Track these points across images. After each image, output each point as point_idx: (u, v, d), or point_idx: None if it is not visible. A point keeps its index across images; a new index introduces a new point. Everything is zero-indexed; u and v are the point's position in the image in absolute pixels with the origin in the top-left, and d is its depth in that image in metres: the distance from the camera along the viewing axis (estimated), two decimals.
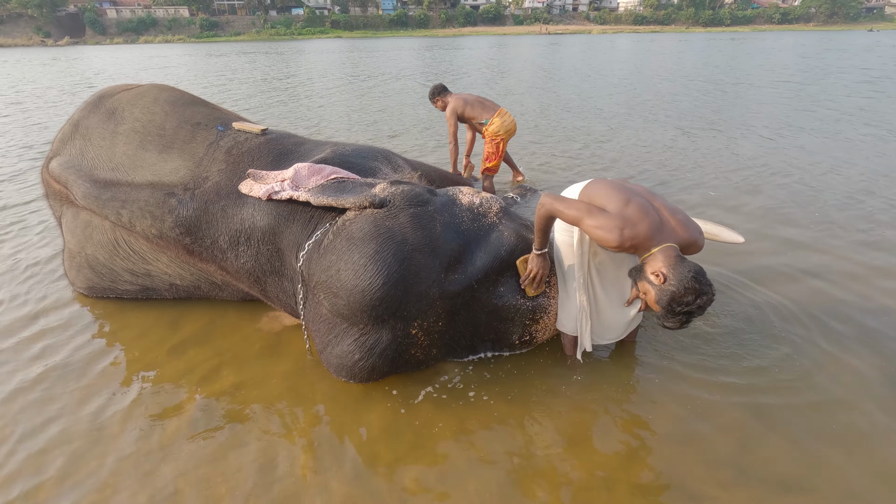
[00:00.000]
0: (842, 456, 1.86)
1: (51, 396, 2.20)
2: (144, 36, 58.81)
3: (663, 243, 1.75)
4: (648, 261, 1.76)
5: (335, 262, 1.95)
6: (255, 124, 2.75)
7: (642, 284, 1.78)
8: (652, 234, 1.74)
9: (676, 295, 1.67)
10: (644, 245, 1.74)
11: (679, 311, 1.69)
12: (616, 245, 1.73)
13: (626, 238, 1.71)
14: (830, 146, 6.10)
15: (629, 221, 1.72)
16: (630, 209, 1.76)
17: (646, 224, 1.74)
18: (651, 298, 1.75)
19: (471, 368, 2.29)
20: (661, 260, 1.72)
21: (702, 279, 1.68)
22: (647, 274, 1.75)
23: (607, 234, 1.72)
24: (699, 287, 1.66)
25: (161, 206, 2.36)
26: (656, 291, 1.72)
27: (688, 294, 1.66)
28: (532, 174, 5.16)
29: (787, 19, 71.60)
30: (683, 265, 1.70)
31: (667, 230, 1.79)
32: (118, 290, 2.80)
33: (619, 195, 1.83)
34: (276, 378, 2.28)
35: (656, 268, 1.72)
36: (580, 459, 1.87)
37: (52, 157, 2.79)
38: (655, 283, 1.72)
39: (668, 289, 1.68)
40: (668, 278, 1.69)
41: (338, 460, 1.87)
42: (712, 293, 1.70)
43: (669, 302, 1.69)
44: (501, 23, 73.26)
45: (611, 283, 2.16)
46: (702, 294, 1.66)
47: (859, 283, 3.00)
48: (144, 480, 1.80)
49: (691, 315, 1.70)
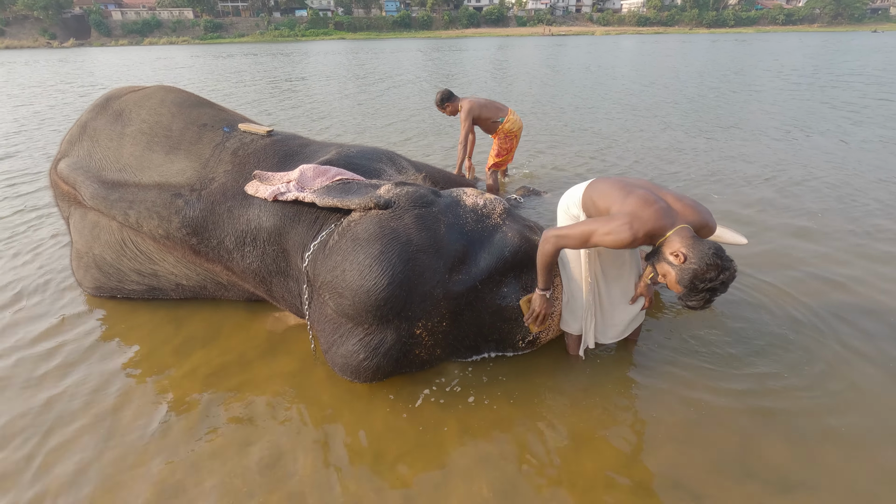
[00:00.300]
0: (844, 457, 1.86)
1: (58, 394, 2.22)
2: (149, 38, 59.12)
3: (676, 226, 1.76)
4: (665, 244, 1.77)
5: (340, 263, 1.97)
6: (260, 126, 2.78)
7: (661, 266, 1.78)
8: (662, 220, 1.75)
9: (699, 272, 1.66)
10: (658, 232, 1.76)
11: (702, 289, 1.68)
12: (630, 242, 1.74)
13: (638, 230, 1.72)
14: (848, 149, 6.02)
15: (635, 215, 1.74)
16: (632, 202, 1.78)
17: (652, 211, 1.75)
18: (672, 279, 1.74)
19: (473, 369, 2.30)
20: (678, 241, 1.73)
21: (723, 255, 1.68)
22: (665, 255, 1.75)
23: (619, 236, 1.73)
24: (721, 263, 1.66)
25: (168, 207, 2.38)
26: (677, 272, 1.72)
27: (710, 270, 1.65)
28: (547, 174, 5.20)
29: (792, 20, 71.36)
30: (702, 243, 1.70)
31: (676, 213, 1.80)
32: (125, 290, 2.82)
33: (619, 191, 1.84)
34: (280, 378, 2.30)
35: (674, 248, 1.72)
36: (582, 459, 1.88)
37: (60, 159, 2.82)
38: (675, 264, 1.72)
39: (690, 267, 1.68)
40: (688, 257, 1.69)
41: (342, 459, 1.89)
42: (734, 268, 1.69)
43: (692, 280, 1.68)
44: (504, 24, 73.31)
45: (614, 280, 2.19)
46: (724, 269, 1.66)
47: (865, 286, 2.99)
48: (151, 477, 1.82)
49: (715, 292, 1.69)
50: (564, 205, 2.21)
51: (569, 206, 2.18)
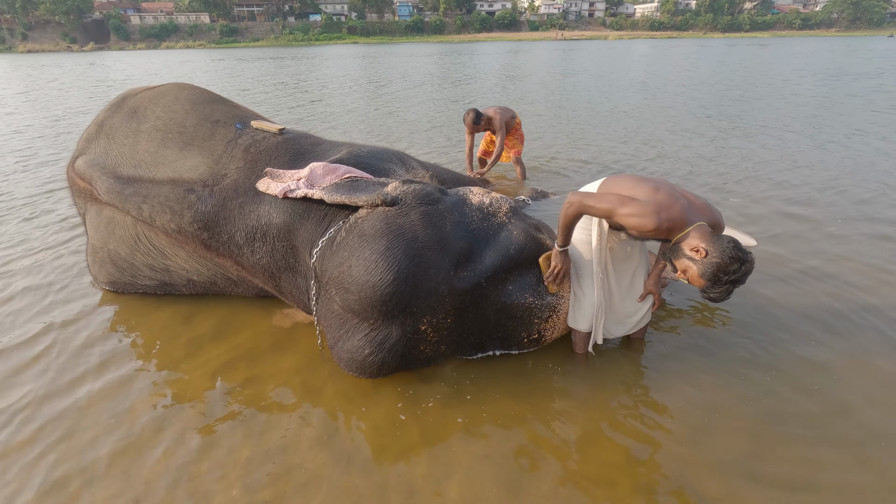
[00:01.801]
0: (854, 462, 1.83)
1: (71, 387, 2.26)
2: (166, 42, 60.24)
3: (695, 222, 1.83)
4: (683, 240, 1.83)
5: (347, 259, 1.99)
6: (273, 123, 2.82)
7: (681, 262, 1.84)
8: (685, 215, 1.82)
9: (722, 265, 1.73)
10: (678, 226, 1.82)
11: (725, 281, 1.76)
12: (653, 229, 1.80)
13: (663, 220, 1.79)
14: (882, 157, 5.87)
15: (663, 206, 1.80)
16: (661, 195, 1.84)
17: (678, 206, 1.82)
18: (694, 274, 1.81)
19: (478, 367, 2.30)
20: (697, 237, 1.80)
21: (741, 247, 1.76)
22: (685, 251, 1.82)
23: (644, 220, 1.79)
24: (741, 255, 1.74)
25: (181, 202, 2.43)
26: (699, 266, 1.78)
27: (733, 263, 1.73)
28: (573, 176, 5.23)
29: (808, 25, 70.50)
30: (721, 238, 1.78)
31: (695, 210, 1.88)
32: (138, 284, 2.88)
33: (646, 184, 1.91)
34: (287, 373, 2.32)
35: (694, 244, 1.79)
36: (586, 457, 1.87)
37: (77, 156, 2.89)
38: (697, 259, 1.78)
39: (713, 261, 1.75)
40: (709, 252, 1.76)
41: (345, 453, 1.90)
42: (753, 260, 1.78)
43: (715, 273, 1.75)
44: (517, 28, 73.45)
45: (623, 275, 2.20)
46: (745, 261, 1.74)
47: (878, 290, 2.94)
48: (160, 469, 1.85)
49: (736, 283, 1.78)
50: None
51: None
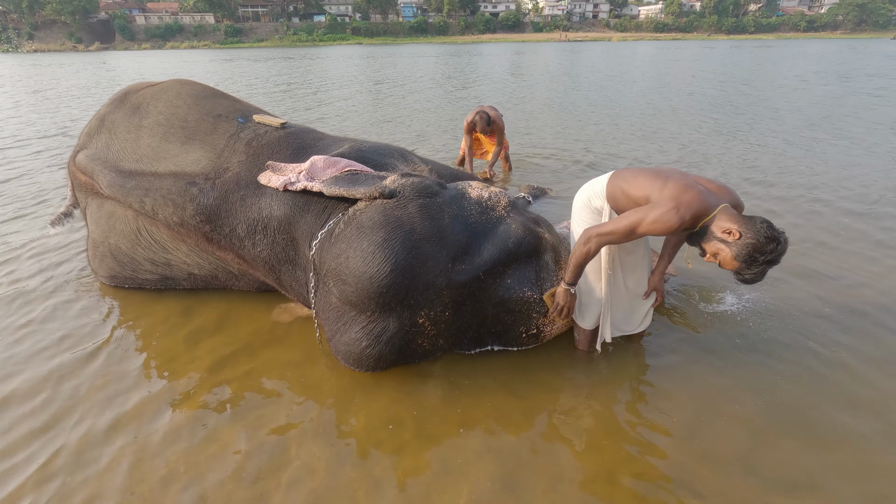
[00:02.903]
0: (854, 458, 1.82)
1: (70, 380, 2.27)
2: (171, 42, 60.53)
3: (718, 205, 1.79)
4: (711, 223, 1.78)
5: (345, 250, 2.00)
6: (275, 117, 2.82)
7: (711, 245, 1.80)
8: (706, 201, 1.78)
9: (758, 245, 1.70)
10: (702, 213, 1.78)
11: (762, 261, 1.72)
12: (678, 226, 1.76)
13: (685, 214, 1.74)
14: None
15: (678, 199, 1.76)
16: (672, 187, 1.80)
17: (695, 194, 1.77)
18: (728, 256, 1.76)
19: (476, 362, 2.30)
20: (727, 218, 1.76)
21: (774, 227, 1.73)
22: (716, 234, 1.77)
23: (667, 222, 1.74)
24: (776, 234, 1.71)
25: (183, 195, 2.44)
26: (734, 248, 1.74)
27: (769, 243, 1.69)
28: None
29: (814, 27, 70.27)
30: (753, 218, 1.74)
31: (714, 194, 1.84)
32: (139, 279, 2.88)
33: (656, 179, 1.87)
34: (285, 367, 2.32)
35: (725, 227, 1.75)
36: (585, 454, 1.87)
37: (78, 151, 2.90)
38: (730, 240, 1.74)
39: (748, 241, 1.71)
40: (743, 233, 1.72)
41: (342, 447, 1.90)
42: (786, 238, 1.74)
43: (752, 253, 1.71)
44: (521, 30, 73.49)
45: (630, 271, 2.18)
46: (780, 241, 1.71)
47: (881, 289, 2.93)
48: (155, 461, 1.86)
49: (772, 264, 1.73)
50: (584, 197, 2.15)
51: (590, 197, 2.12)
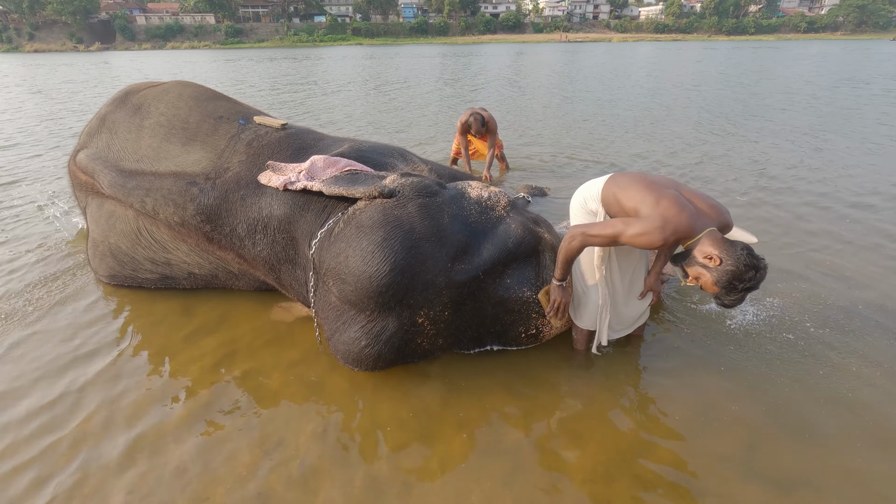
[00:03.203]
0: (853, 458, 1.83)
1: (68, 381, 2.27)
2: (171, 42, 60.57)
3: (704, 229, 1.80)
4: (696, 247, 1.80)
5: (344, 249, 2.00)
6: (275, 119, 2.83)
7: (693, 269, 1.81)
8: (693, 224, 1.78)
9: (737, 273, 1.72)
10: (687, 235, 1.79)
11: (741, 288, 1.74)
12: (661, 244, 1.76)
13: (670, 234, 1.75)
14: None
15: (667, 219, 1.76)
16: (664, 205, 1.79)
17: (684, 216, 1.77)
18: (708, 281, 1.78)
19: (476, 362, 2.30)
20: (710, 243, 1.77)
21: (754, 254, 1.74)
22: (698, 259, 1.79)
23: (652, 237, 1.75)
24: (756, 262, 1.73)
25: (184, 195, 2.44)
26: (714, 274, 1.75)
27: (748, 270, 1.71)
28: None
29: (814, 28, 70.31)
30: (734, 245, 1.75)
31: (703, 216, 1.84)
32: (139, 278, 2.89)
33: (650, 193, 1.85)
34: (285, 367, 2.33)
35: (707, 252, 1.76)
36: (584, 453, 1.87)
37: (79, 150, 2.91)
38: (711, 266, 1.76)
39: (727, 269, 1.73)
40: (723, 259, 1.74)
41: (341, 447, 1.90)
42: (766, 265, 1.76)
43: (731, 280, 1.73)
44: (521, 30, 73.53)
45: (626, 273, 2.18)
46: (759, 268, 1.73)
47: (881, 290, 2.93)
48: (155, 461, 1.86)
49: (750, 290, 1.75)
50: (581, 199, 2.16)
51: (586, 199, 2.13)
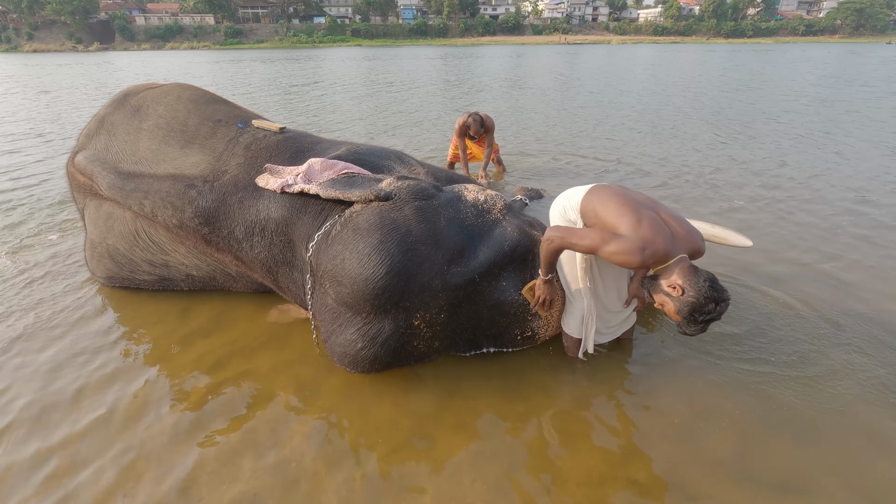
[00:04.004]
0: (846, 462, 1.84)
1: (65, 382, 2.28)
2: (171, 42, 60.54)
3: (677, 255, 1.78)
4: (663, 273, 1.79)
5: (341, 252, 2.01)
6: (273, 123, 2.84)
7: (659, 297, 1.82)
8: (668, 249, 1.77)
9: (697, 305, 1.71)
10: (661, 259, 1.78)
11: (701, 320, 1.74)
12: (638, 266, 1.76)
13: (648, 257, 1.74)
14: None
15: (647, 241, 1.75)
16: (644, 227, 1.78)
17: (661, 239, 1.76)
18: (671, 309, 1.79)
19: (471, 364, 2.31)
20: (676, 272, 1.76)
21: (717, 286, 1.73)
22: (663, 287, 1.79)
23: (629, 258, 1.74)
24: (717, 295, 1.71)
25: (182, 197, 2.45)
26: (676, 303, 1.76)
27: (708, 303, 1.71)
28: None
29: (812, 31, 70.56)
30: (698, 275, 1.74)
31: (678, 241, 1.82)
32: (136, 280, 2.89)
33: (631, 212, 1.83)
34: (281, 368, 2.33)
35: (672, 280, 1.76)
36: (577, 457, 1.88)
37: (77, 151, 2.92)
38: (674, 295, 1.75)
39: (688, 300, 1.72)
40: (685, 290, 1.73)
41: (337, 449, 1.91)
42: (728, 298, 1.75)
43: (691, 312, 1.73)
44: (520, 32, 73.66)
45: (611, 282, 2.18)
46: (721, 301, 1.72)
47: (875, 291, 2.95)
48: (152, 463, 1.87)
49: (710, 322, 1.76)
50: (560, 207, 2.16)
51: (566, 208, 2.13)
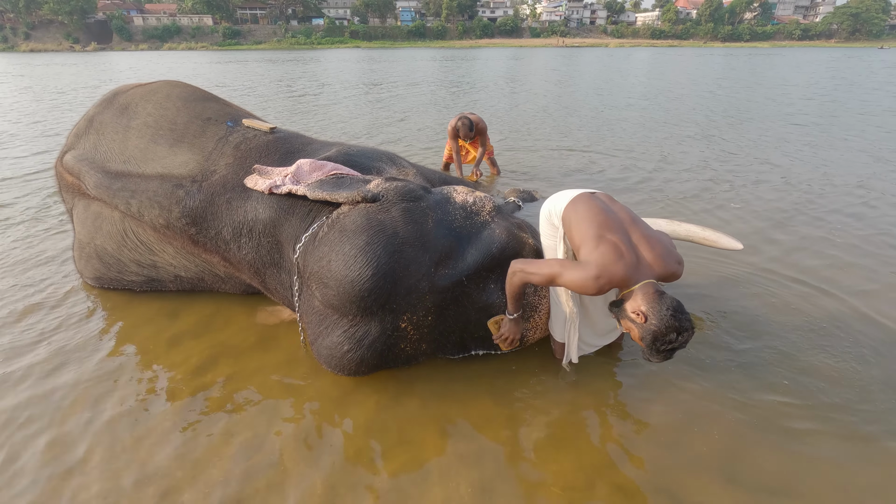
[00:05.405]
0: (834, 466, 1.83)
1: (50, 383, 2.25)
2: (168, 43, 60.48)
3: (641, 280, 1.75)
4: (628, 298, 1.77)
5: (327, 254, 2.00)
6: (264, 122, 2.82)
7: (625, 322, 1.80)
8: (628, 276, 1.74)
9: (659, 334, 1.68)
10: (622, 286, 1.76)
11: (663, 349, 1.71)
12: (595, 293, 1.74)
13: (603, 285, 1.72)
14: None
15: (604, 268, 1.72)
16: (602, 251, 1.76)
17: (620, 267, 1.73)
18: (635, 335, 1.77)
19: (459, 367, 2.30)
20: (641, 298, 1.73)
21: (680, 316, 1.68)
22: (627, 312, 1.76)
23: (585, 287, 1.73)
24: (679, 325, 1.67)
25: (169, 197, 2.43)
26: (639, 330, 1.73)
27: (670, 332, 1.67)
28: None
29: (808, 35, 71.05)
30: (662, 303, 1.70)
31: (643, 267, 1.78)
32: (124, 280, 2.87)
33: (592, 238, 1.81)
34: (268, 370, 2.32)
35: (636, 307, 1.73)
36: (563, 460, 1.87)
37: (66, 151, 2.89)
38: (637, 322, 1.73)
39: (650, 328, 1.70)
40: (648, 317, 1.70)
41: (323, 452, 1.89)
42: (692, 328, 1.71)
43: (653, 341, 1.70)
44: (518, 35, 73.90)
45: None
46: (683, 331, 1.68)
47: (865, 295, 2.95)
48: (132, 464, 1.84)
49: (673, 351, 1.72)
50: (546, 211, 2.16)
51: (551, 213, 2.12)
